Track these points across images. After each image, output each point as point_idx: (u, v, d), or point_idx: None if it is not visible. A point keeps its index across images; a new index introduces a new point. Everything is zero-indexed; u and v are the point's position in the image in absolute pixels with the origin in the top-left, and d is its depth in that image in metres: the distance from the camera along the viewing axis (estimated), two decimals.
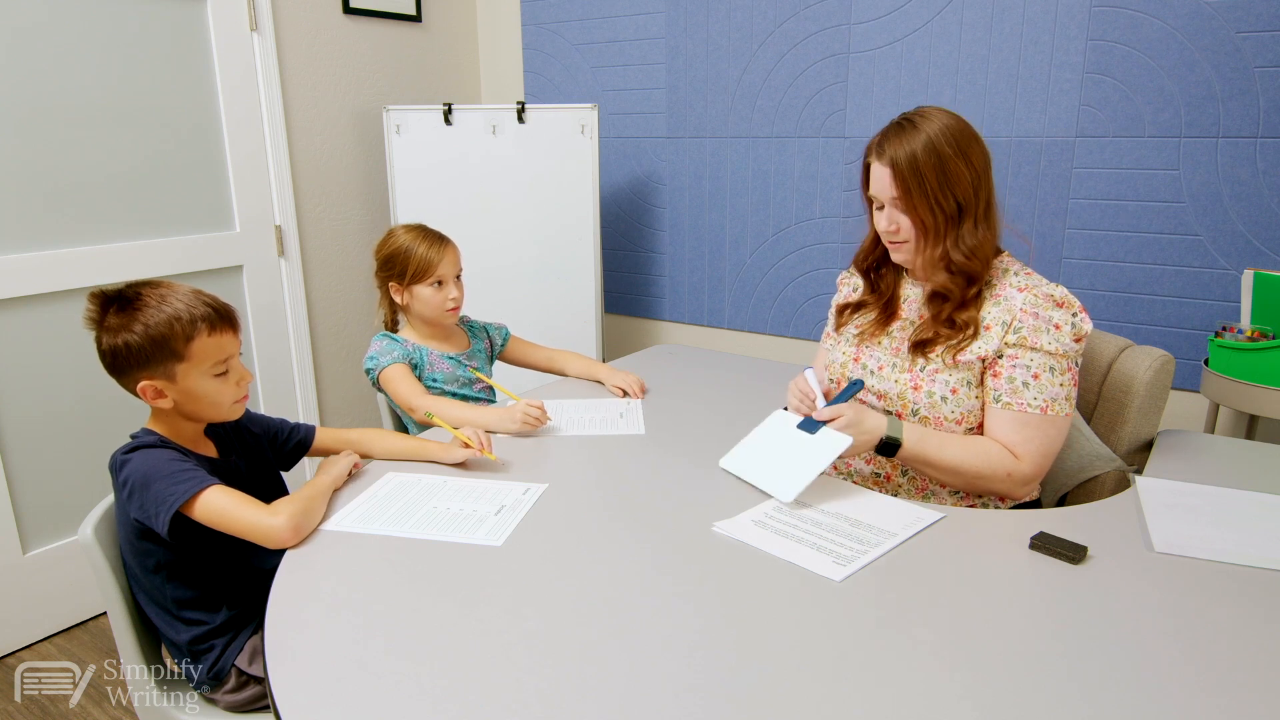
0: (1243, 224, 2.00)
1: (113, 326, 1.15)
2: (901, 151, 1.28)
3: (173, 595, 1.19)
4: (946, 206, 1.29)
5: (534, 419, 1.56)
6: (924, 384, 1.35)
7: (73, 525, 2.25)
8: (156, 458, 1.15)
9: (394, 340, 1.76)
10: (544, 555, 1.11)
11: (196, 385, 1.18)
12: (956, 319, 1.34)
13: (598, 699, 0.82)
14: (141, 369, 1.16)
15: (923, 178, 1.27)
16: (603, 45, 2.90)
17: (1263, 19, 1.89)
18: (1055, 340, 1.28)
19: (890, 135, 1.31)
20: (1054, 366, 1.29)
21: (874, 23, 2.37)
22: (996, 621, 0.95)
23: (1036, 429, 1.29)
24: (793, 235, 2.66)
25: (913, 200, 1.29)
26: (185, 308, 1.16)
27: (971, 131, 1.30)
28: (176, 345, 1.15)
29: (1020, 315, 1.29)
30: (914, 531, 1.16)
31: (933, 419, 1.35)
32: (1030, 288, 1.31)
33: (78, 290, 2.19)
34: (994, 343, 1.31)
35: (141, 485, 1.12)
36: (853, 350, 1.48)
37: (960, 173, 1.28)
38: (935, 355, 1.35)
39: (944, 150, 1.27)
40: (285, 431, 1.43)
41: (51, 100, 2.11)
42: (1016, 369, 1.30)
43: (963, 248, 1.30)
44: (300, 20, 2.63)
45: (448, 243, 1.77)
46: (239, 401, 1.24)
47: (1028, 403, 1.29)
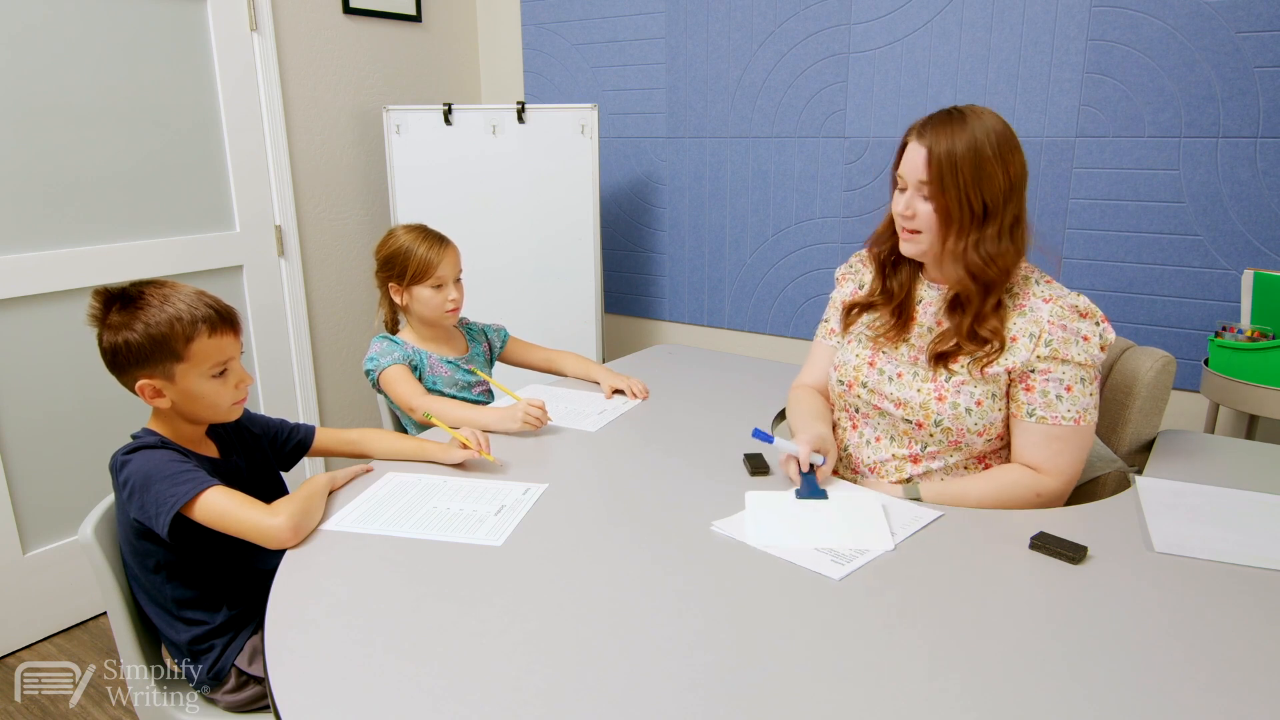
0: (1243, 224, 2.00)
1: (114, 324, 1.15)
2: (943, 139, 1.27)
3: (173, 595, 1.19)
4: (974, 205, 1.27)
5: (534, 419, 1.55)
6: (949, 395, 1.34)
7: (73, 525, 2.25)
8: (157, 458, 1.15)
9: (394, 342, 1.76)
10: (544, 555, 1.11)
11: (195, 386, 1.18)
12: (979, 330, 1.32)
13: (598, 699, 0.82)
14: (140, 368, 1.16)
15: (957, 169, 1.26)
16: (603, 45, 2.90)
17: (1263, 19, 1.89)
18: (1084, 351, 1.27)
19: (937, 121, 1.29)
20: (1084, 377, 1.28)
21: (874, 23, 2.37)
22: (996, 621, 0.95)
23: (1068, 441, 1.29)
24: (793, 235, 2.66)
25: (942, 188, 1.27)
26: (187, 308, 1.16)
27: (1015, 141, 1.29)
28: (176, 345, 1.15)
29: (1049, 328, 1.28)
30: (912, 531, 1.16)
31: (955, 430, 1.34)
32: (1055, 298, 1.30)
33: (78, 290, 2.20)
34: (1023, 355, 1.29)
35: (142, 486, 1.12)
36: (868, 354, 1.45)
37: (995, 176, 1.27)
38: (960, 367, 1.34)
39: (985, 150, 1.26)
40: (285, 432, 1.43)
41: (51, 100, 2.11)
42: (1050, 382, 1.29)
43: (982, 252, 1.28)
44: (300, 20, 2.63)
45: (448, 244, 1.77)
46: (237, 404, 1.24)
47: (1062, 416, 1.28)
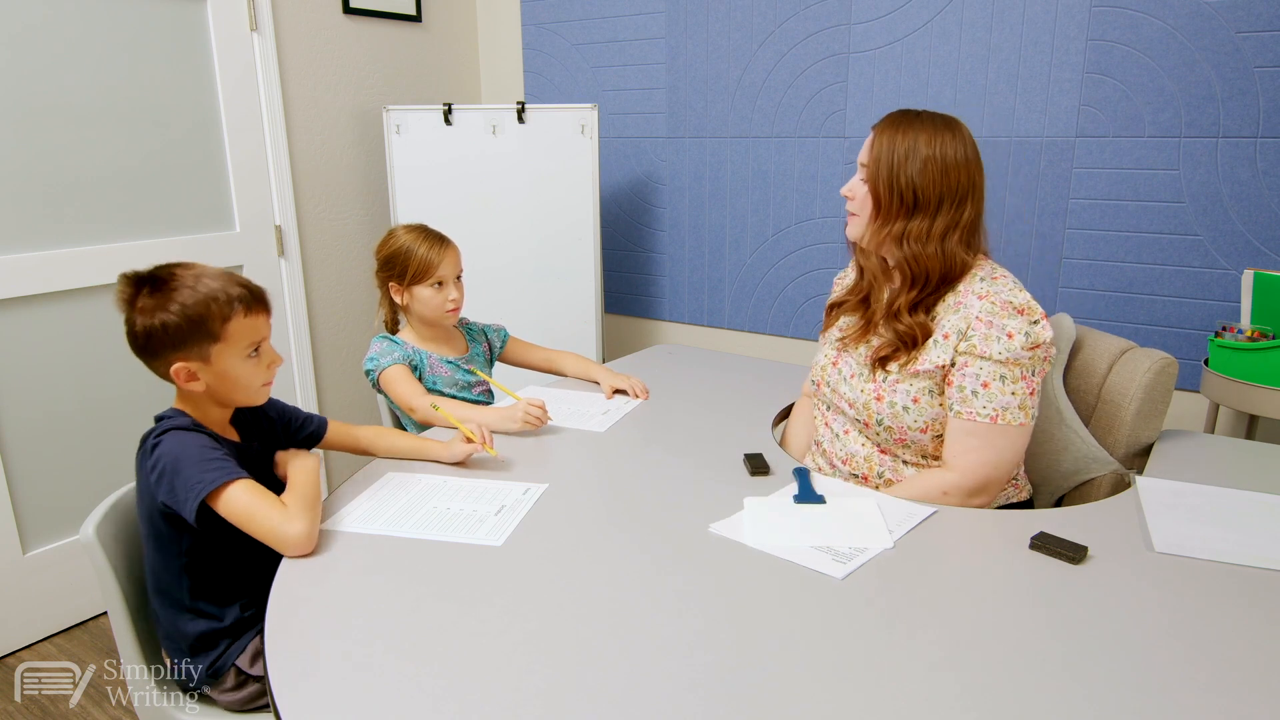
0: (1243, 224, 2.00)
1: (147, 308, 1.13)
2: (891, 129, 1.34)
3: (188, 586, 1.17)
4: (905, 194, 1.32)
5: (535, 418, 1.55)
6: (885, 394, 1.36)
7: (73, 525, 2.25)
8: (189, 441, 1.13)
9: (394, 342, 1.75)
10: (544, 555, 1.11)
11: (230, 367, 1.17)
12: (898, 324, 1.35)
13: (598, 699, 0.82)
14: (176, 350, 1.14)
15: (894, 156, 1.32)
16: (603, 45, 2.90)
17: (1263, 19, 1.89)
18: (1005, 348, 1.27)
19: (897, 115, 1.36)
20: (1004, 375, 1.28)
21: (874, 23, 2.37)
22: (996, 621, 0.95)
23: (983, 438, 1.29)
24: (793, 235, 2.66)
25: (876, 171, 1.34)
26: (221, 288, 1.14)
27: (966, 157, 1.31)
28: (213, 326, 1.13)
29: (974, 323, 1.29)
30: (908, 528, 1.17)
31: (897, 428, 1.36)
32: (989, 295, 1.30)
33: (78, 290, 2.20)
34: (949, 351, 1.31)
35: (172, 469, 1.11)
36: (833, 354, 1.50)
37: (930, 174, 1.30)
38: (895, 367, 1.36)
39: (924, 149, 1.31)
40: (299, 420, 1.41)
41: (51, 100, 2.11)
42: (966, 377, 1.30)
43: (906, 247, 1.33)
44: (300, 20, 2.63)
45: (448, 243, 1.77)
46: (267, 384, 1.23)
47: (976, 411, 1.29)
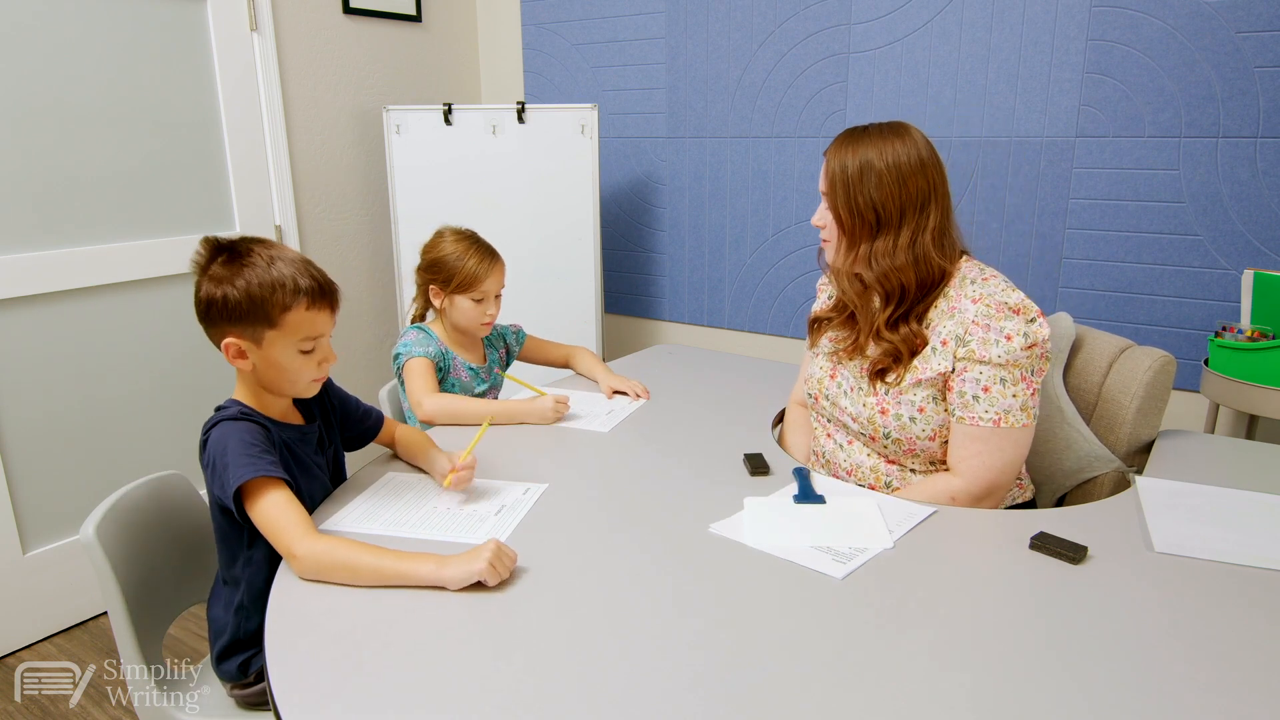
0: (1243, 224, 2.00)
1: (217, 276, 1.13)
2: (840, 152, 1.34)
3: (247, 581, 1.17)
4: (866, 215, 1.32)
5: (562, 413, 1.65)
6: (890, 407, 1.35)
7: (73, 525, 2.25)
8: (235, 431, 1.13)
9: (429, 335, 1.77)
10: (544, 555, 1.11)
11: (280, 356, 1.16)
12: (884, 345, 1.34)
13: (597, 699, 0.82)
14: (232, 325, 1.14)
15: (848, 179, 1.32)
16: (603, 45, 2.90)
17: (1263, 19, 1.89)
18: (1005, 351, 1.26)
19: (841, 137, 1.36)
20: (1005, 378, 1.27)
21: (874, 23, 2.37)
22: (996, 621, 0.95)
23: (986, 442, 1.29)
24: (793, 235, 2.66)
25: (835, 199, 1.34)
26: (291, 275, 1.13)
27: (925, 160, 1.31)
28: (271, 311, 1.13)
29: (971, 328, 1.28)
30: (908, 528, 1.16)
31: (905, 440, 1.35)
32: (984, 297, 1.29)
33: (78, 290, 2.20)
34: (949, 358, 1.31)
35: (219, 461, 1.11)
36: (830, 366, 1.48)
37: (887, 189, 1.30)
38: (894, 378, 1.35)
39: (876, 164, 1.30)
40: (359, 412, 1.40)
41: (51, 100, 2.11)
42: (966, 383, 1.29)
43: (876, 266, 1.33)
44: (300, 20, 2.63)
45: (497, 260, 1.78)
46: (316, 381, 1.21)
47: (979, 416, 1.29)
